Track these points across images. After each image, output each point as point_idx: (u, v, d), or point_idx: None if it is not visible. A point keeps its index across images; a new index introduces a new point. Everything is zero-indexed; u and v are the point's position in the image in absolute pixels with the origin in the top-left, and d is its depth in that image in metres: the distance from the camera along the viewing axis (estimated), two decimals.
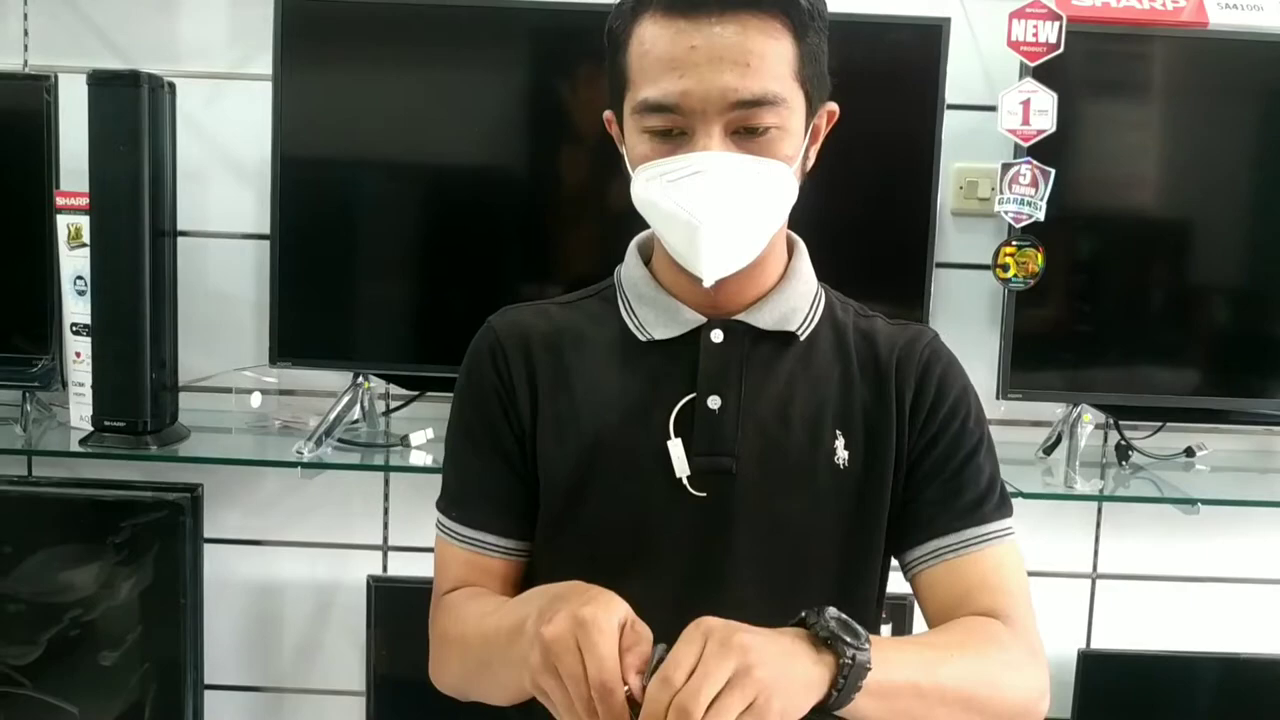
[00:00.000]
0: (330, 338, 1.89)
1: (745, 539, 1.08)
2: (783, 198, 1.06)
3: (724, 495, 1.08)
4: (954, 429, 1.12)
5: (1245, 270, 1.94)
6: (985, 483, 1.12)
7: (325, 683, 2.09)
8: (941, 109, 1.79)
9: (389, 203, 1.88)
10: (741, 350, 1.11)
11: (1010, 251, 1.84)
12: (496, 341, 1.15)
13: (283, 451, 1.83)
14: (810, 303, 1.15)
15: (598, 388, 1.12)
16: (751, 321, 1.11)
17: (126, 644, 1.84)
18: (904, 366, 1.12)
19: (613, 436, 1.10)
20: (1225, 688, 1.99)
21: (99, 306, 1.76)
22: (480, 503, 1.15)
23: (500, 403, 1.13)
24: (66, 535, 1.84)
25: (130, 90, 1.71)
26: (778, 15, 0.99)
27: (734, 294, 1.11)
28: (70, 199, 1.79)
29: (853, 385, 1.12)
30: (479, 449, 1.15)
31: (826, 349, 1.14)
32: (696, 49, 0.98)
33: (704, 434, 1.08)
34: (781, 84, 1.00)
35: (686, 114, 0.99)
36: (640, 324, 1.13)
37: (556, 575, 1.13)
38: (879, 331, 1.16)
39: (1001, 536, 1.11)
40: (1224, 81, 1.86)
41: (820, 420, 1.10)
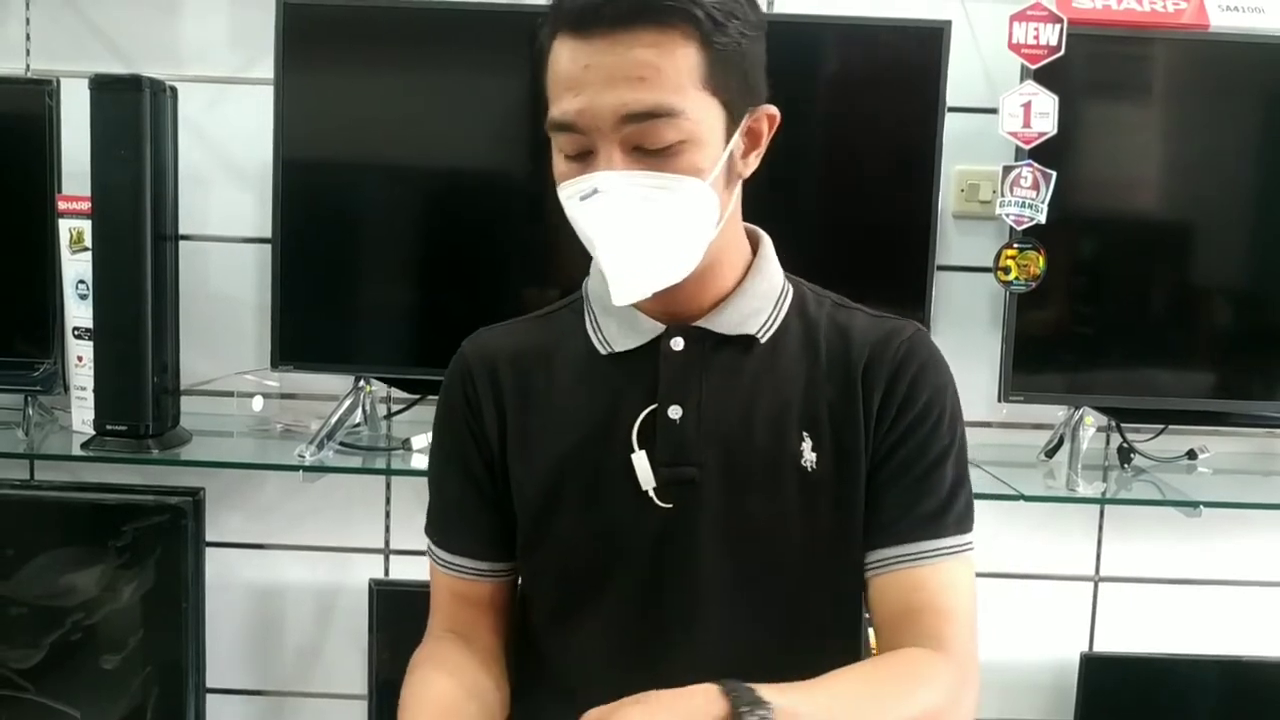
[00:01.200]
0: (331, 341, 1.89)
1: (711, 548, 1.07)
2: (694, 212, 1.02)
3: (689, 505, 1.07)
4: (922, 432, 1.08)
5: (1247, 273, 1.94)
6: (948, 492, 1.09)
7: (327, 686, 2.09)
8: (942, 111, 1.79)
9: (390, 206, 1.88)
10: (702, 357, 1.09)
11: (1012, 254, 1.83)
12: (466, 367, 1.16)
13: (284, 455, 1.83)
14: (774, 302, 1.12)
15: (563, 404, 1.12)
16: (711, 327, 1.10)
17: (128, 648, 1.84)
18: (875, 363, 1.09)
19: (579, 452, 1.10)
20: (1228, 691, 1.98)
21: (101, 310, 1.76)
22: (458, 528, 1.17)
23: (469, 428, 1.15)
24: (68, 539, 1.84)
25: (132, 94, 1.71)
26: (676, 25, 0.97)
27: (690, 300, 1.09)
28: (72, 203, 1.79)
29: (820, 385, 1.09)
30: (452, 475, 1.17)
31: (793, 348, 1.11)
32: (590, 67, 0.97)
33: (666, 444, 1.08)
34: (680, 95, 0.97)
35: (586, 132, 0.98)
36: (603, 337, 1.12)
37: (534, 590, 1.16)
38: (855, 326, 1.12)
39: (957, 552, 1.08)
40: (1225, 84, 1.86)
41: (784, 423, 1.08)
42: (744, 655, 1.07)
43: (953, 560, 1.07)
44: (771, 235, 1.18)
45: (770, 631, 1.09)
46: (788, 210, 1.82)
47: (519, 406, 1.13)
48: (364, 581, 1.93)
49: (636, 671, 1.08)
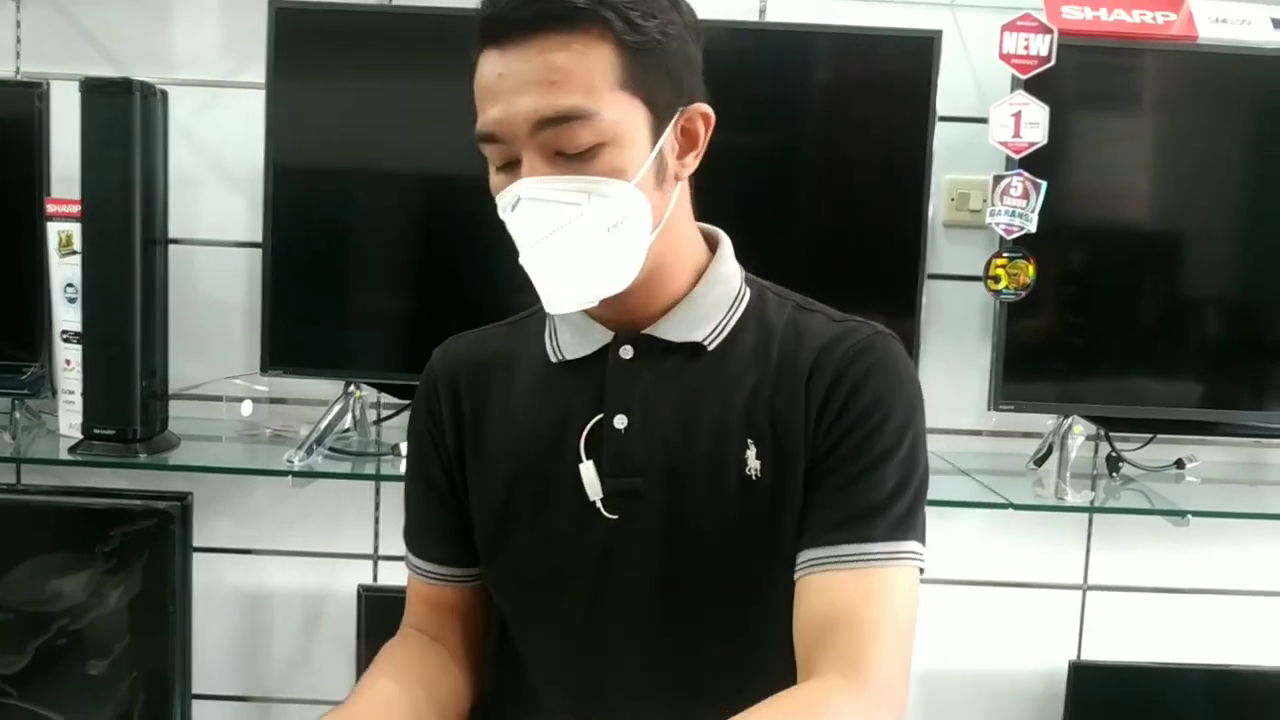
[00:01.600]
0: (321, 346, 1.88)
1: (655, 559, 1.06)
2: (622, 216, 0.99)
3: (633, 516, 1.06)
4: (860, 433, 1.02)
5: (1236, 283, 1.95)
6: (884, 497, 1.02)
7: (315, 693, 2.09)
8: (933, 121, 1.80)
9: (381, 212, 1.88)
10: (648, 365, 1.08)
11: (1002, 263, 1.84)
12: (431, 381, 1.17)
13: (273, 460, 1.82)
14: (727, 308, 1.09)
15: (517, 414, 1.12)
16: (658, 334, 1.08)
17: (115, 653, 1.83)
18: (821, 365, 1.04)
19: (531, 462, 1.10)
20: (1215, 699, 1.99)
21: (89, 314, 1.75)
22: (425, 534, 1.19)
23: (432, 439, 1.16)
24: (55, 543, 1.83)
25: (123, 98, 1.70)
26: (587, 27, 0.96)
27: (639, 307, 1.07)
28: (61, 206, 1.78)
29: (766, 390, 1.05)
30: (417, 484, 1.19)
31: (743, 354, 1.08)
32: (504, 76, 0.97)
33: (612, 455, 1.06)
34: (594, 97, 0.96)
35: (507, 141, 0.98)
36: (557, 344, 1.12)
37: (496, 599, 1.17)
38: (811, 328, 1.08)
39: (889, 560, 1.00)
40: (1214, 95, 1.87)
41: (728, 430, 1.05)
42: (689, 665, 1.08)
43: (884, 569, 1.00)
44: (761, 243, 1.17)
45: (712, 640, 1.07)
46: (778, 218, 1.83)
47: (476, 416, 1.13)
48: (352, 587, 1.92)
49: (585, 675, 1.10)
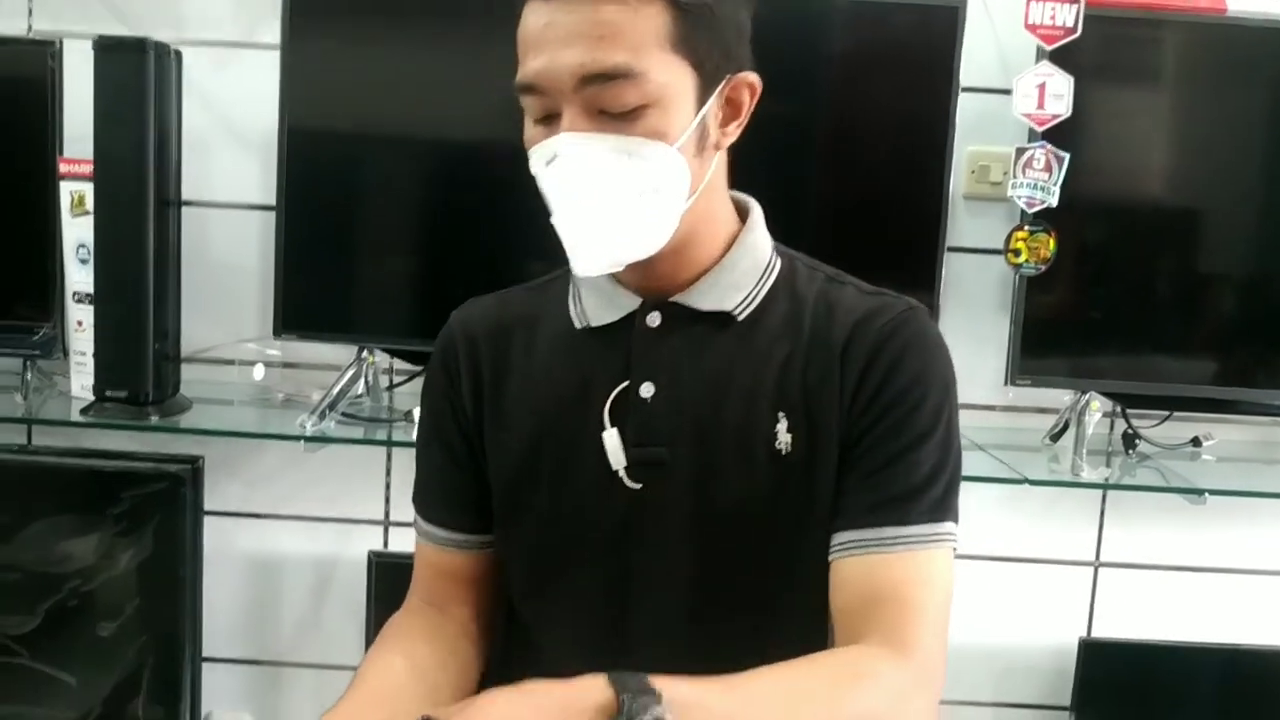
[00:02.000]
0: (334, 311, 1.87)
1: (677, 530, 1.05)
2: (661, 180, 0.98)
3: (658, 486, 1.05)
4: (898, 413, 1.02)
5: (1257, 260, 1.93)
6: (922, 479, 1.02)
7: (324, 657, 2.09)
8: (956, 92, 1.77)
9: (396, 176, 1.86)
10: (676, 334, 1.06)
11: (1023, 236, 1.82)
12: (449, 343, 1.15)
13: (285, 424, 1.82)
14: (758, 277, 1.08)
15: (540, 379, 1.10)
16: (687, 302, 1.06)
17: (125, 615, 1.83)
18: (855, 341, 1.03)
19: (552, 428, 1.08)
20: (1226, 679, 1.99)
21: (101, 275, 1.75)
22: (436, 498, 1.17)
23: (448, 402, 1.14)
24: (66, 505, 1.83)
25: (136, 57, 1.69)
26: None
27: (668, 274, 1.06)
28: (74, 166, 1.77)
29: (798, 364, 1.04)
30: (431, 447, 1.17)
31: (774, 326, 1.06)
32: (551, 25, 0.95)
33: (636, 424, 1.05)
34: (643, 56, 0.94)
35: (548, 94, 0.97)
36: (582, 310, 1.10)
37: (509, 566, 1.15)
38: (843, 302, 1.07)
39: (928, 542, 1.01)
40: (1241, 69, 1.85)
41: (758, 403, 1.04)
42: (709, 638, 1.06)
43: (923, 550, 1.00)
44: (781, 214, 1.15)
45: (737, 615, 1.07)
46: (797, 188, 1.81)
47: (496, 380, 1.11)
48: (363, 553, 1.92)
49: (604, 650, 1.07)
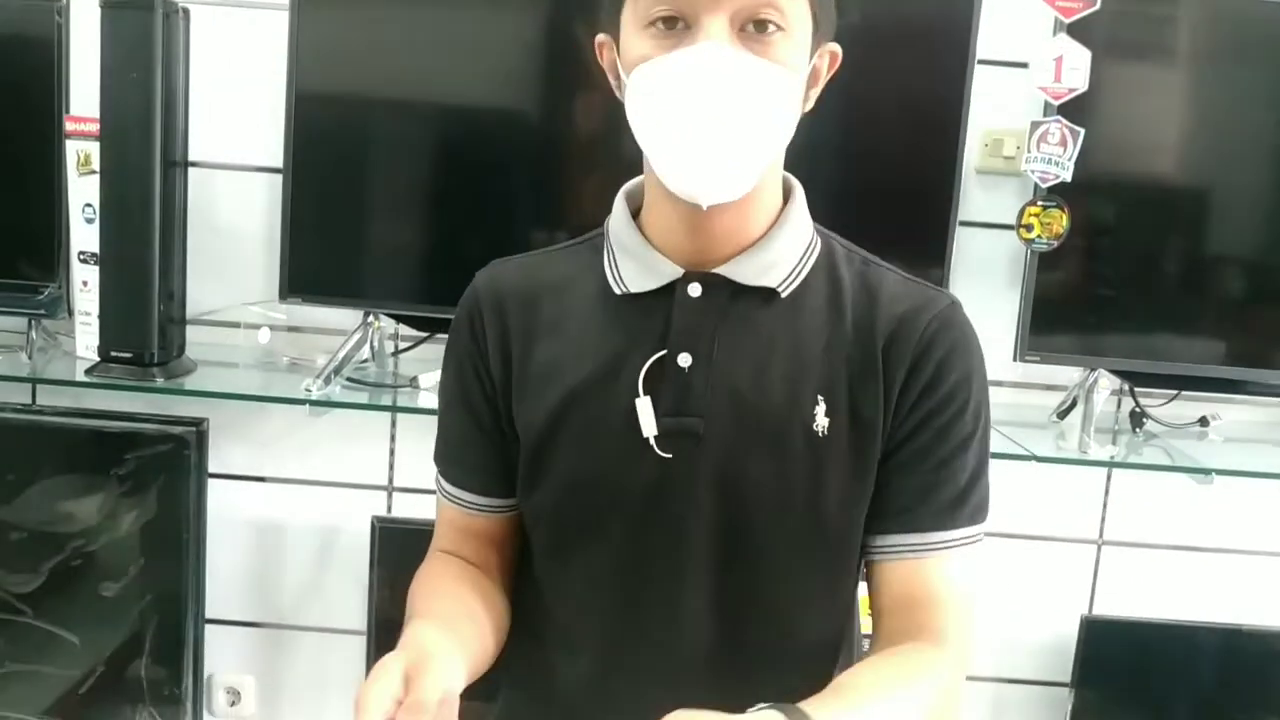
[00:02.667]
0: (341, 275, 1.87)
1: (708, 503, 1.04)
2: (788, 112, 0.99)
3: (689, 457, 1.04)
4: (944, 417, 1.04)
5: (1268, 241, 1.91)
6: (965, 482, 1.05)
7: (326, 621, 2.10)
8: (972, 65, 1.75)
9: (404, 141, 1.85)
10: (718, 306, 1.05)
11: (1035, 212, 1.81)
12: (475, 302, 1.12)
13: (290, 388, 1.82)
14: (800, 255, 1.07)
15: (572, 342, 1.09)
16: (731, 275, 1.05)
17: (128, 576, 1.84)
18: (901, 338, 1.03)
19: (583, 392, 1.06)
20: (1226, 658, 1.99)
21: (107, 235, 1.74)
22: (460, 461, 1.15)
23: (474, 364, 1.12)
24: (70, 465, 1.84)
25: (144, 15, 1.67)
26: None
27: (719, 241, 1.05)
28: (80, 124, 1.76)
29: (841, 349, 1.04)
30: (455, 409, 1.15)
31: (817, 306, 1.06)
32: None
33: (672, 393, 1.04)
34: None
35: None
36: (619, 276, 1.08)
37: (531, 530, 1.14)
38: (885, 290, 1.06)
39: (967, 543, 1.05)
40: (1258, 47, 1.83)
41: (799, 383, 1.04)
42: (729, 614, 1.06)
43: (961, 551, 1.05)
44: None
45: (759, 591, 1.06)
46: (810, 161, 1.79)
47: (525, 343, 1.10)
48: (367, 518, 1.93)
49: (624, 618, 1.08)
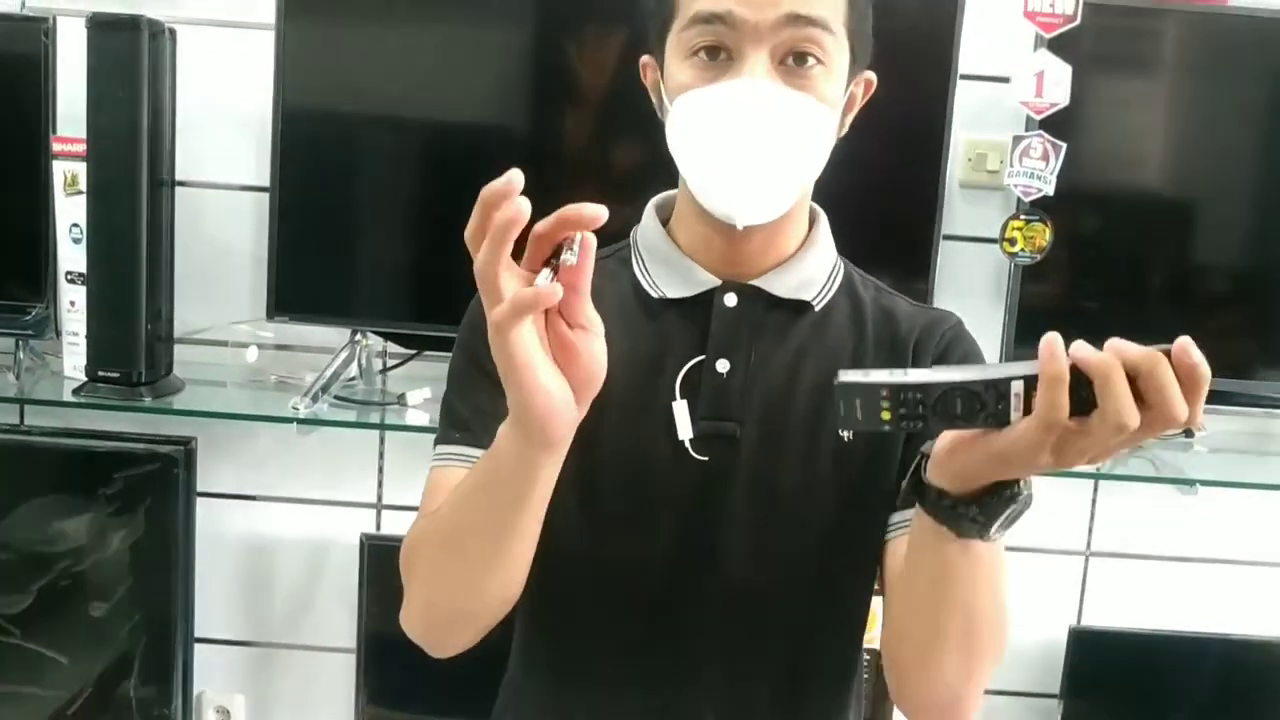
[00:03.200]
0: (328, 293, 1.87)
1: (743, 504, 1.07)
2: (823, 144, 1.03)
3: (725, 460, 1.07)
4: None
5: (1252, 252, 1.93)
6: None
7: (316, 639, 2.10)
8: (954, 80, 1.77)
9: (391, 159, 1.86)
10: (754, 316, 1.09)
11: (1018, 225, 1.82)
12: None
13: (278, 407, 1.81)
14: (828, 274, 1.13)
15: (609, 344, 1.10)
16: (766, 288, 1.10)
17: (117, 595, 1.84)
18: (923, 345, 1.11)
19: (620, 393, 1.07)
20: (1215, 668, 1.99)
21: (95, 255, 1.74)
22: (489, 424, 1.07)
23: None
24: (58, 485, 1.84)
25: (131, 35, 1.68)
26: None
27: (752, 257, 1.09)
28: (67, 145, 1.76)
29: (865, 359, 1.10)
30: (490, 377, 1.09)
31: (841, 321, 1.12)
32: None
33: (710, 397, 1.07)
34: (834, 17, 0.99)
35: (736, 26, 0.97)
36: (654, 282, 1.12)
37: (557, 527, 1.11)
38: (899, 310, 1.14)
39: None
40: (1240, 61, 1.84)
41: (827, 391, 1.08)
42: (762, 603, 1.09)
43: None
44: None
45: (790, 586, 1.09)
46: None
47: None
48: (355, 535, 1.93)
49: (659, 612, 1.09)
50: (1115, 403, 0.74)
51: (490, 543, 0.97)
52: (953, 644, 0.96)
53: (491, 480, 0.95)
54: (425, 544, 1.04)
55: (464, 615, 1.04)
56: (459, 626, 1.06)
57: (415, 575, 1.06)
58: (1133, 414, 0.74)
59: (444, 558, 1.02)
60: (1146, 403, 0.74)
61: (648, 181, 1.16)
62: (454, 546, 1.01)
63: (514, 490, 0.94)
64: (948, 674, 0.98)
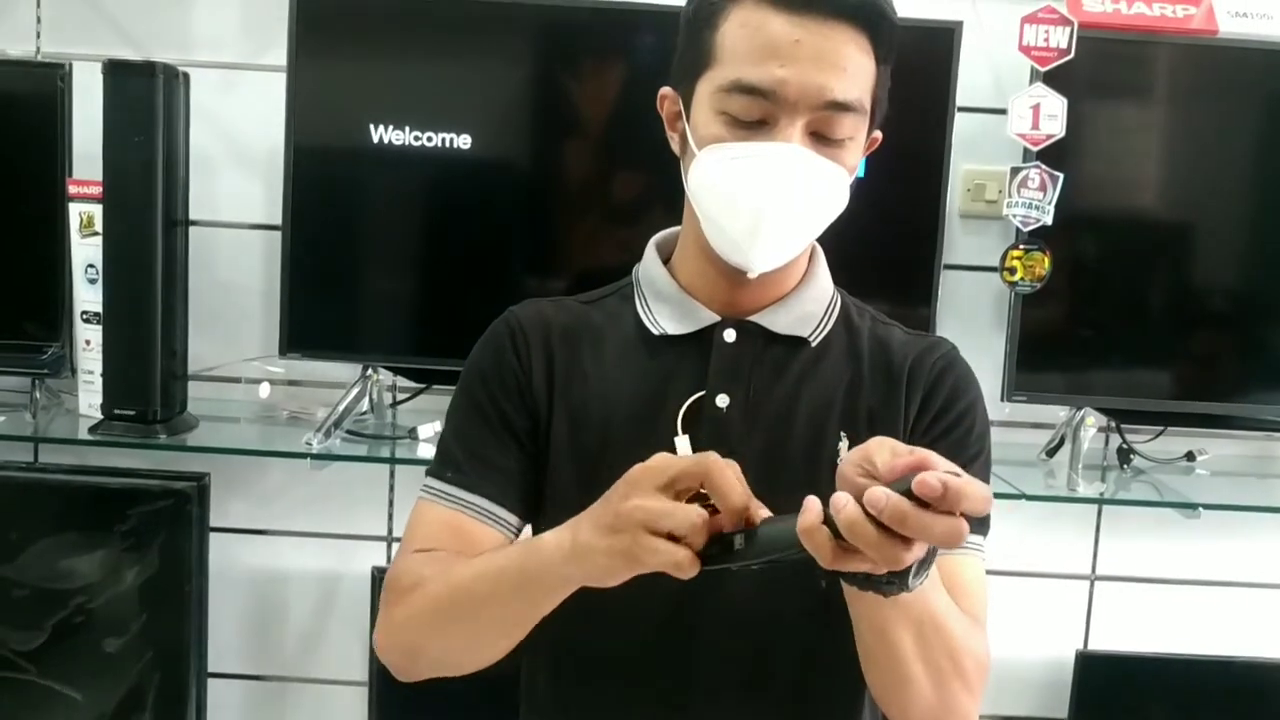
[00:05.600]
0: (339, 329, 1.89)
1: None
2: (837, 205, 1.08)
3: None
4: (954, 436, 1.13)
5: (1249, 277, 1.95)
6: None
7: (328, 672, 2.10)
8: (952, 112, 1.80)
9: (399, 196, 1.88)
10: (753, 350, 1.12)
11: (1018, 255, 1.85)
12: (519, 327, 1.16)
13: (290, 442, 1.83)
14: (825, 308, 1.16)
15: (610, 382, 1.13)
16: (765, 324, 1.13)
17: (131, 631, 1.85)
18: (916, 373, 1.14)
19: (622, 430, 1.11)
20: (1221, 691, 2.00)
21: (110, 295, 1.77)
22: (484, 471, 1.14)
23: (517, 385, 1.14)
24: (73, 522, 1.85)
25: (146, 80, 1.71)
26: (870, 34, 1.02)
27: (752, 295, 1.12)
28: (83, 187, 1.79)
29: (861, 388, 1.13)
30: (489, 424, 1.14)
31: (838, 353, 1.15)
32: (801, 44, 1.00)
33: (711, 431, 1.09)
34: (865, 96, 1.03)
35: (778, 103, 1.01)
36: (655, 319, 1.14)
37: None
38: (895, 339, 1.17)
39: (974, 550, 1.11)
40: (1233, 89, 1.88)
41: (824, 422, 1.12)
42: (766, 632, 1.11)
43: (969, 555, 1.10)
44: None
45: (794, 613, 1.10)
46: None
47: (567, 377, 1.14)
48: (366, 568, 1.94)
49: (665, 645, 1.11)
50: (861, 542, 0.81)
51: (509, 624, 1.02)
52: (915, 681, 1.00)
53: (528, 580, 0.99)
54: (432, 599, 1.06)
55: (452, 666, 1.08)
56: (442, 671, 1.10)
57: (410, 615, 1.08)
58: (878, 545, 0.81)
59: (453, 622, 1.06)
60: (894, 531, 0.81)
61: (650, 212, 1.19)
62: (468, 616, 1.04)
63: (548, 594, 0.99)
64: (920, 704, 1.01)
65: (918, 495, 0.79)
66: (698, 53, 1.06)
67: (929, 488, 0.78)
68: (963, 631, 1.01)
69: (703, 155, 1.05)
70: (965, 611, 1.05)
